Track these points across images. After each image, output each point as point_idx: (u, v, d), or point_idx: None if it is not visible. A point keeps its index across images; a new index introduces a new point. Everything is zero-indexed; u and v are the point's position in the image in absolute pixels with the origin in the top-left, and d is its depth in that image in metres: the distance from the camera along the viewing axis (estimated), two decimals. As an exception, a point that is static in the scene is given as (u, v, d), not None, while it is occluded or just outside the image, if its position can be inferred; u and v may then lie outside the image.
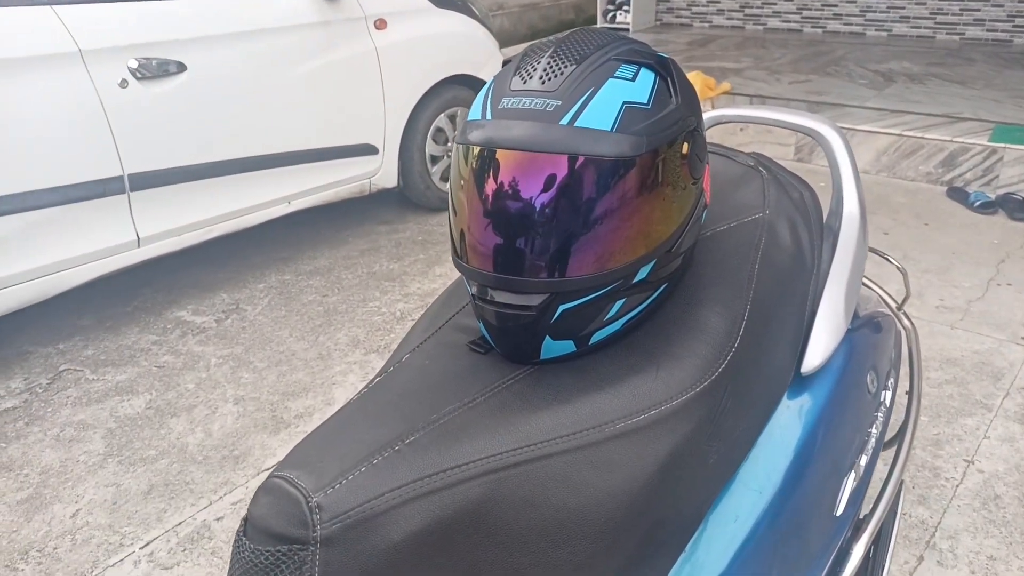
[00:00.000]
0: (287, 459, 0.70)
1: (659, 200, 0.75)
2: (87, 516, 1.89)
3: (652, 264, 0.77)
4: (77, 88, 2.36)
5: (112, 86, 2.43)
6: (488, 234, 0.74)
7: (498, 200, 0.73)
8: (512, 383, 0.76)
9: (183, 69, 2.58)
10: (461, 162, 0.76)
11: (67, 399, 2.35)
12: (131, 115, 2.48)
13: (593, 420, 0.72)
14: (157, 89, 2.54)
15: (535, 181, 0.71)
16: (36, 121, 2.31)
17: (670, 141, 0.74)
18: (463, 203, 0.76)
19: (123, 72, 2.45)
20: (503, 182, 0.72)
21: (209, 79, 2.66)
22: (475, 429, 0.70)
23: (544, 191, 0.71)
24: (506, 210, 0.72)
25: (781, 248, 0.90)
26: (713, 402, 0.76)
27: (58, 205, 2.38)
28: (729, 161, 1.04)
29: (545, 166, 0.71)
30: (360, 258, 3.21)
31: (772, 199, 0.95)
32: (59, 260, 2.44)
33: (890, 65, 5.30)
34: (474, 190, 0.74)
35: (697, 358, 0.77)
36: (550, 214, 0.71)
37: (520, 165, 0.72)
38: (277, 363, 2.49)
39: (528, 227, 0.72)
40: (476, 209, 0.74)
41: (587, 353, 0.79)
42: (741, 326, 0.81)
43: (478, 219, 0.74)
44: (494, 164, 0.73)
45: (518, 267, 0.73)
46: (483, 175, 0.74)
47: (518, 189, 0.72)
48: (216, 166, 2.74)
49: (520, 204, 0.72)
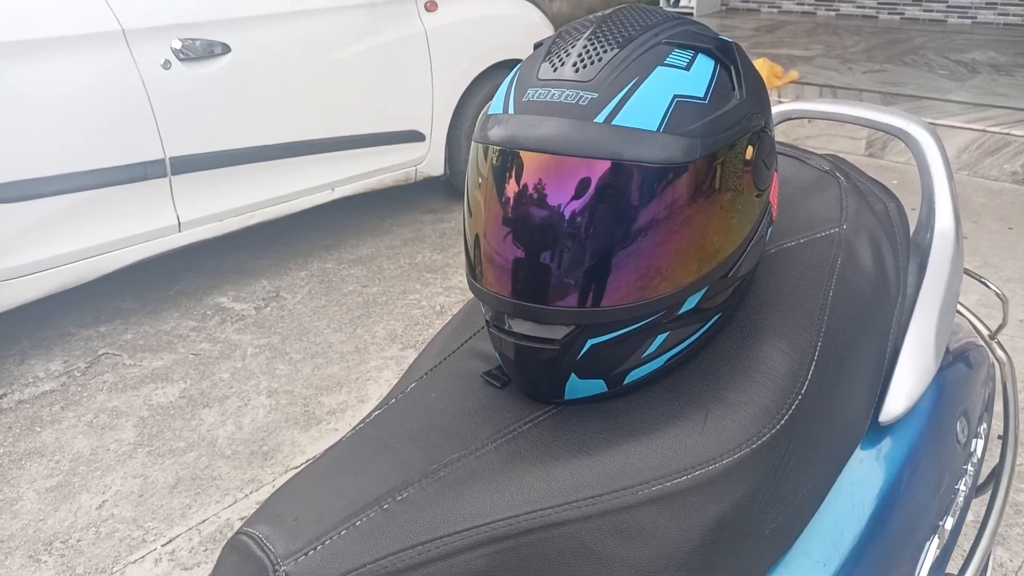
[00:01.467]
0: (261, 510, 0.60)
1: (714, 216, 0.62)
2: (113, 508, 1.85)
3: (703, 292, 0.64)
4: (119, 69, 2.32)
5: (155, 67, 2.38)
6: (507, 251, 0.62)
7: (519, 212, 0.61)
8: (529, 427, 0.64)
9: (227, 51, 2.52)
10: (478, 164, 0.65)
11: (103, 384, 2.33)
12: (174, 97, 2.43)
13: (624, 479, 0.60)
14: (200, 71, 2.48)
15: (563, 190, 0.59)
16: (77, 102, 2.27)
17: (731, 144, 0.61)
18: (479, 213, 0.64)
19: (166, 53, 2.40)
20: (525, 190, 0.60)
21: (253, 61, 2.60)
22: (480, 485, 0.59)
23: (573, 203, 0.59)
24: (528, 225, 0.60)
25: (861, 270, 0.76)
26: (773, 461, 0.63)
27: (99, 188, 2.35)
28: (800, 164, 0.89)
29: (575, 173, 0.58)
30: (403, 248, 3.12)
31: (851, 211, 0.81)
32: (100, 243, 2.41)
33: (974, 55, 4.95)
34: (492, 198, 0.63)
35: (754, 406, 0.64)
36: (580, 232, 0.59)
37: (545, 171, 0.59)
38: (313, 355, 2.42)
39: (554, 246, 0.60)
40: (493, 222, 0.63)
41: (621, 394, 0.66)
42: (810, 366, 0.67)
43: (496, 233, 0.63)
44: (515, 168, 0.61)
45: (541, 293, 0.61)
46: (502, 181, 0.62)
47: (542, 199, 0.60)
48: (259, 151, 2.68)
49: (544, 218, 0.59)
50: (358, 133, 2.93)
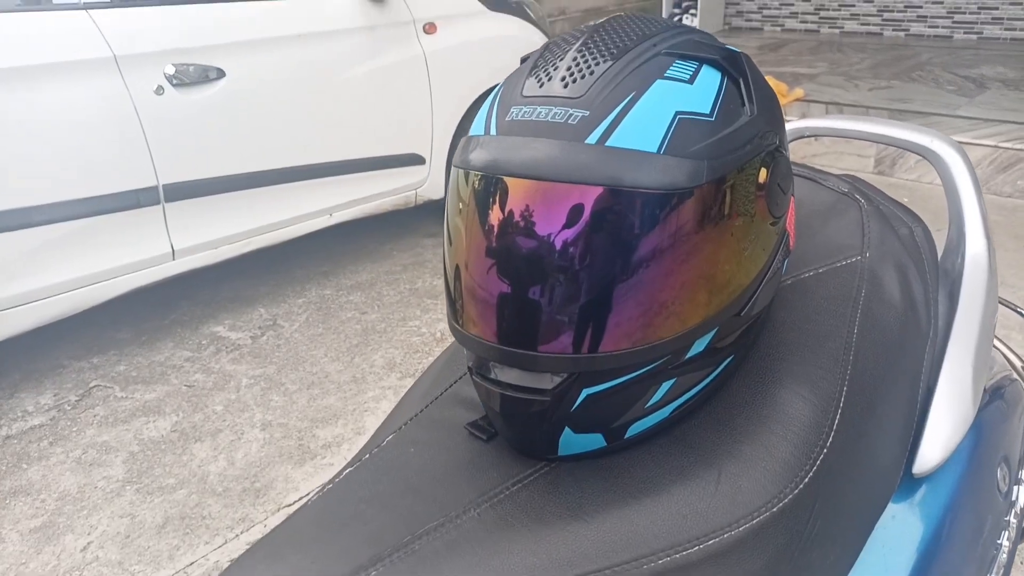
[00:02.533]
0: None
1: (725, 247, 0.54)
2: (98, 550, 1.77)
3: (713, 332, 0.56)
4: (111, 95, 2.28)
5: (147, 93, 2.34)
6: (490, 289, 0.55)
7: (503, 244, 0.54)
8: (518, 489, 0.56)
9: (222, 75, 2.48)
10: (459, 191, 0.58)
11: (94, 418, 2.26)
12: (167, 123, 2.39)
13: (627, 550, 0.52)
14: (194, 96, 2.44)
15: (551, 220, 0.52)
16: (68, 129, 2.23)
17: (741, 166, 0.54)
18: (459, 246, 0.57)
19: (159, 78, 2.36)
20: (509, 220, 0.53)
21: (249, 86, 2.55)
22: (461, 559, 0.51)
23: (563, 234, 0.52)
24: (513, 259, 0.53)
25: (888, 303, 0.69)
26: (796, 526, 0.55)
27: (91, 216, 2.30)
28: (815, 185, 0.82)
29: (565, 201, 0.51)
30: (403, 273, 3.06)
31: (874, 237, 0.73)
32: (93, 272, 2.35)
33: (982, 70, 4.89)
34: (473, 228, 0.56)
35: (774, 461, 0.56)
36: (572, 267, 0.52)
37: (531, 198, 0.52)
38: (309, 385, 2.35)
39: (542, 283, 0.53)
40: (475, 256, 0.56)
41: (621, 449, 0.59)
42: (835, 414, 0.59)
43: (478, 269, 0.55)
44: (498, 195, 0.54)
45: (529, 336, 0.54)
46: (484, 209, 0.55)
47: (529, 230, 0.52)
48: (255, 176, 2.62)
49: (531, 252, 0.52)
50: (356, 157, 2.88)
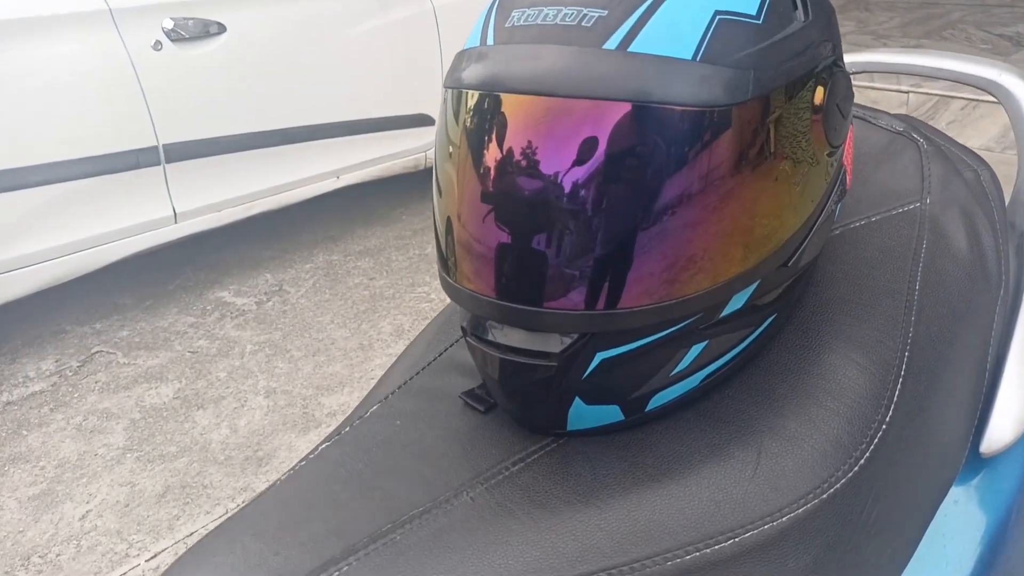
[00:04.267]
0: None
1: (772, 182, 0.45)
2: (96, 519, 1.73)
3: (754, 287, 0.47)
4: (106, 50, 2.18)
5: (145, 48, 2.24)
6: (488, 234, 0.46)
7: (504, 179, 0.44)
8: (520, 470, 0.48)
9: (223, 30, 2.38)
10: (450, 117, 0.48)
11: (95, 384, 2.21)
12: (166, 80, 2.30)
13: (648, 544, 0.43)
14: (194, 52, 2.34)
15: (562, 149, 0.43)
16: (62, 86, 2.14)
17: (794, 80, 0.44)
18: (451, 185, 0.48)
19: (157, 33, 2.26)
20: (511, 149, 0.44)
21: (251, 42, 2.45)
22: (450, 553, 0.43)
23: (577, 164, 0.42)
24: (516, 197, 0.44)
25: (953, 256, 0.59)
26: (850, 515, 0.46)
27: (88, 177, 2.22)
28: (866, 125, 0.72)
29: (579, 122, 0.42)
30: (412, 238, 2.97)
31: (936, 181, 0.64)
32: (91, 236, 2.28)
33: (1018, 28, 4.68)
34: (468, 161, 0.46)
35: (824, 439, 0.47)
36: (586, 206, 0.43)
37: (538, 120, 0.43)
38: (315, 352, 2.28)
39: (549, 227, 0.44)
40: (470, 195, 0.46)
41: (642, 423, 0.50)
42: (896, 384, 0.50)
43: (474, 210, 0.46)
44: (497, 119, 0.45)
45: (534, 291, 0.45)
46: (480, 138, 0.46)
47: (534, 162, 0.43)
48: (258, 137, 2.53)
49: (538, 188, 0.43)
50: (363, 117, 2.78)
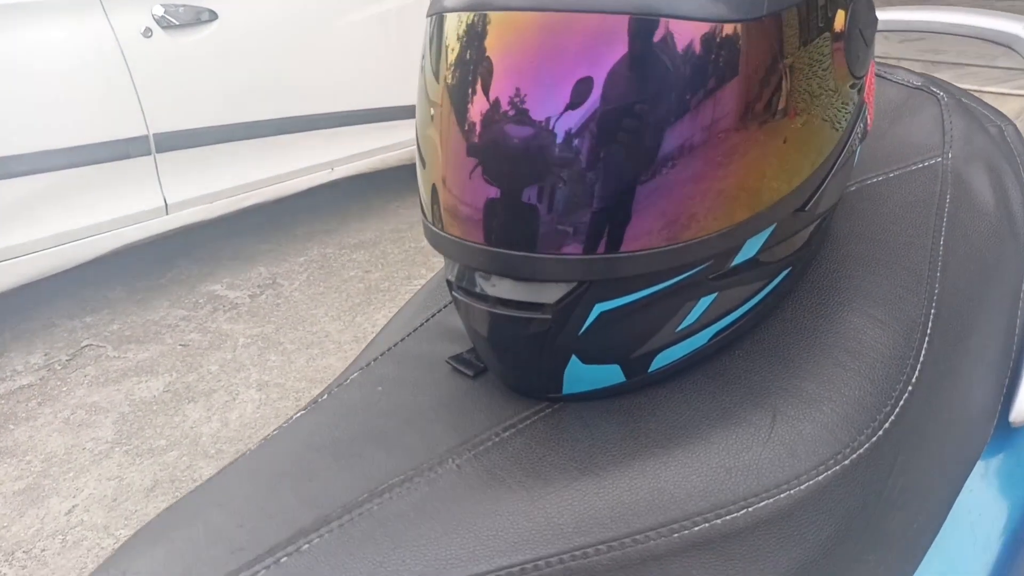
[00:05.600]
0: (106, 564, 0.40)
1: (790, 113, 0.41)
2: (83, 513, 1.68)
3: (768, 232, 0.43)
4: (95, 37, 2.14)
5: (135, 35, 2.20)
6: (475, 177, 0.41)
7: (493, 113, 0.40)
8: (511, 435, 0.44)
9: (214, 17, 2.33)
10: (433, 48, 0.44)
11: (84, 378, 2.16)
12: (156, 68, 2.25)
13: (652, 514, 0.39)
14: (185, 39, 2.30)
15: (560, 70, 0.38)
16: (50, 73, 2.10)
17: (812, 1, 0.40)
18: (435, 120, 0.44)
19: (147, 20, 2.22)
20: (507, 73, 0.40)
21: (244, 29, 2.41)
22: (432, 523, 0.39)
23: (576, 89, 0.38)
24: (508, 133, 0.40)
25: (979, 211, 0.55)
26: (873, 483, 0.42)
27: (77, 167, 2.18)
28: (883, 81, 0.68)
29: (577, 43, 0.38)
30: (409, 231, 2.93)
31: (958, 134, 0.60)
32: (80, 227, 2.24)
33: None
34: (453, 93, 0.42)
35: (844, 402, 0.43)
36: (587, 132, 0.38)
37: (532, 41, 0.39)
38: (308, 345, 2.24)
39: (543, 164, 0.39)
40: (456, 130, 0.42)
41: (645, 385, 0.46)
42: (921, 344, 0.46)
43: (459, 148, 0.42)
44: (487, 42, 0.40)
45: (526, 235, 0.41)
46: (468, 64, 0.41)
47: (532, 86, 0.39)
48: (251, 127, 2.49)
49: (534, 113, 0.39)
50: (358, 108, 2.73)
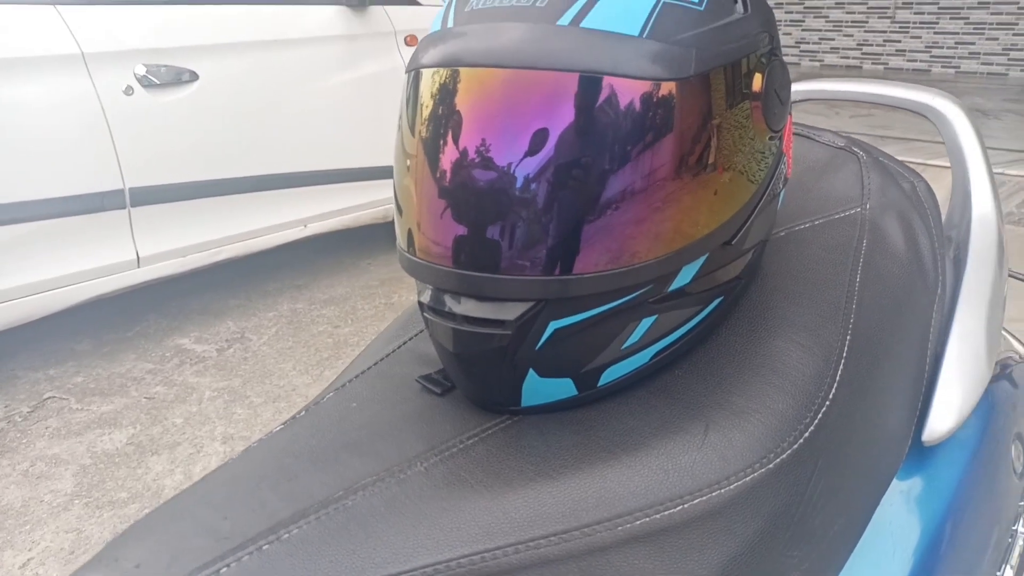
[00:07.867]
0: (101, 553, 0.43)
1: (716, 157, 0.47)
2: (38, 567, 1.65)
3: (700, 262, 0.49)
4: (77, 93, 2.20)
5: (116, 93, 2.26)
6: (445, 205, 0.47)
7: (460, 150, 0.46)
8: (474, 443, 0.48)
9: (195, 78, 2.41)
10: (410, 98, 0.51)
11: (45, 430, 2.14)
12: (135, 125, 2.31)
13: (598, 510, 0.44)
14: (165, 98, 2.36)
15: (519, 116, 0.45)
16: (31, 127, 2.14)
17: (733, 62, 0.47)
18: (412, 158, 0.50)
19: (129, 79, 2.29)
20: (471, 120, 0.46)
21: (223, 90, 2.49)
22: (401, 517, 0.43)
23: (534, 139, 0.45)
24: (474, 167, 0.46)
25: (891, 255, 0.62)
26: (797, 485, 0.47)
27: (51, 218, 2.20)
28: (809, 142, 0.76)
29: (532, 92, 0.45)
30: (379, 288, 2.97)
31: (875, 188, 0.67)
32: (51, 278, 2.25)
33: (960, 101, 4.96)
34: (427, 134, 0.48)
35: (770, 413, 0.49)
36: (540, 173, 0.45)
37: (493, 92, 0.46)
38: (275, 399, 2.24)
39: (507, 192, 0.45)
40: (429, 165, 0.48)
41: (594, 399, 0.51)
42: (838, 365, 0.52)
43: (429, 181, 0.48)
44: (457, 92, 0.47)
45: (491, 259, 0.46)
46: (439, 110, 0.48)
47: (492, 131, 0.45)
48: (226, 183, 2.54)
49: (495, 157, 0.45)
50: (332, 168, 2.81)
